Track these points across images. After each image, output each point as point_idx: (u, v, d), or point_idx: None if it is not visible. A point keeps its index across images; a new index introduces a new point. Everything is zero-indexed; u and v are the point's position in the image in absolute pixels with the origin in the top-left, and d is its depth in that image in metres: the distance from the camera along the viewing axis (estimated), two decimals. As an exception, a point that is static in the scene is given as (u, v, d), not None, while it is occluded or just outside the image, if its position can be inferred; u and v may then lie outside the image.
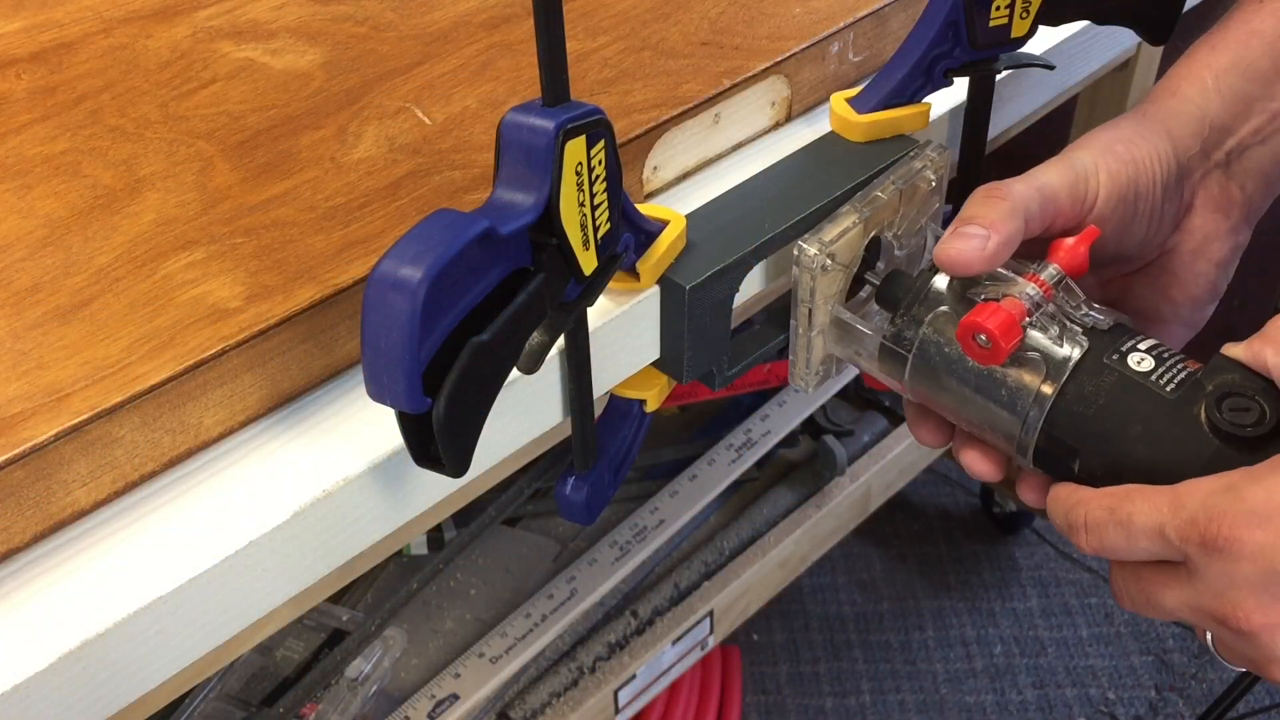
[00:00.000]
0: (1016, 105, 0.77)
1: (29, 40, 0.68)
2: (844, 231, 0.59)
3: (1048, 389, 0.54)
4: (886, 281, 0.60)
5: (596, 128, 0.47)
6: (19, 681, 0.42)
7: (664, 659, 1.07)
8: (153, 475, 0.50)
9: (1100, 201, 0.58)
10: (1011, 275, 0.56)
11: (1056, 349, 0.54)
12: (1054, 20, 0.68)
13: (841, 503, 1.19)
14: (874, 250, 0.63)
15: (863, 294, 0.63)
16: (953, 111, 0.70)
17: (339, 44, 0.68)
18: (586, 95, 0.63)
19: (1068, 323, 0.55)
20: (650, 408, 0.62)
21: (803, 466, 1.21)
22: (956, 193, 0.72)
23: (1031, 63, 0.69)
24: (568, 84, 0.46)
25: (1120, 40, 0.81)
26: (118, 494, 0.49)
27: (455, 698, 0.96)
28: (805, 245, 0.59)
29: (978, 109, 0.69)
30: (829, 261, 0.59)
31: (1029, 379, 0.54)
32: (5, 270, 0.53)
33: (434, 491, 0.54)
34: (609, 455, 0.60)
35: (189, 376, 0.49)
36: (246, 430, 0.52)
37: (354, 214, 0.56)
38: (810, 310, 0.60)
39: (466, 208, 0.45)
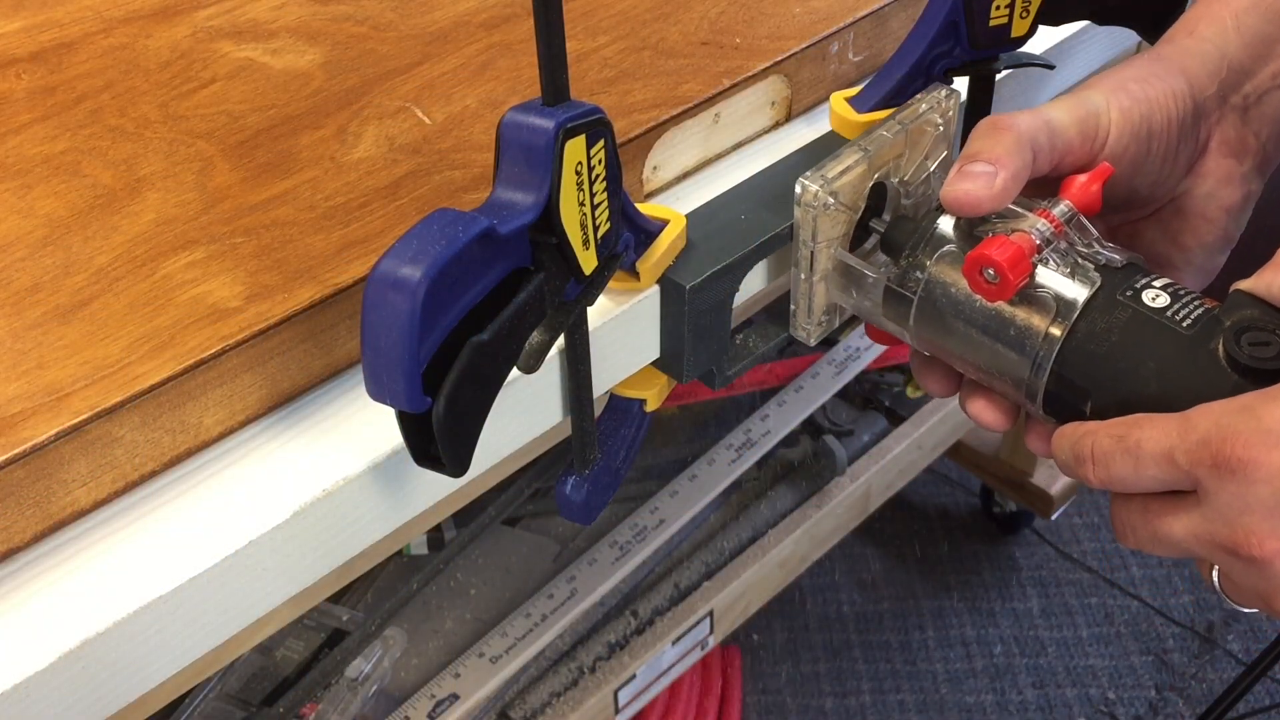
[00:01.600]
0: (1016, 105, 0.76)
1: (29, 40, 0.68)
2: (846, 169, 0.57)
3: (1057, 329, 0.52)
4: (891, 227, 0.58)
5: (596, 127, 0.47)
6: (19, 681, 0.42)
7: (664, 659, 1.06)
8: (153, 475, 0.50)
9: (1112, 139, 0.56)
10: (1021, 211, 0.54)
11: (1068, 286, 0.52)
12: (1054, 20, 0.68)
13: (841, 503, 1.19)
14: (879, 198, 0.61)
15: (868, 244, 0.61)
16: (953, 111, 0.70)
17: (339, 44, 0.68)
18: (586, 95, 0.63)
19: (1079, 259, 0.53)
20: (650, 407, 0.62)
21: (803, 466, 1.21)
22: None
23: (1031, 63, 0.69)
24: (567, 84, 0.46)
25: (1120, 40, 0.81)
26: (118, 494, 0.49)
27: (455, 698, 0.96)
28: (807, 182, 0.56)
29: (978, 109, 0.69)
30: (831, 200, 0.56)
31: (1038, 318, 0.52)
32: (5, 270, 0.53)
33: (434, 491, 0.54)
34: (609, 455, 0.60)
35: (189, 376, 0.49)
36: (246, 430, 0.52)
37: (354, 214, 0.56)
38: (812, 253, 0.58)
39: (466, 207, 0.45)
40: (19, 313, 0.51)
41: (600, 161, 0.48)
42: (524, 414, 0.55)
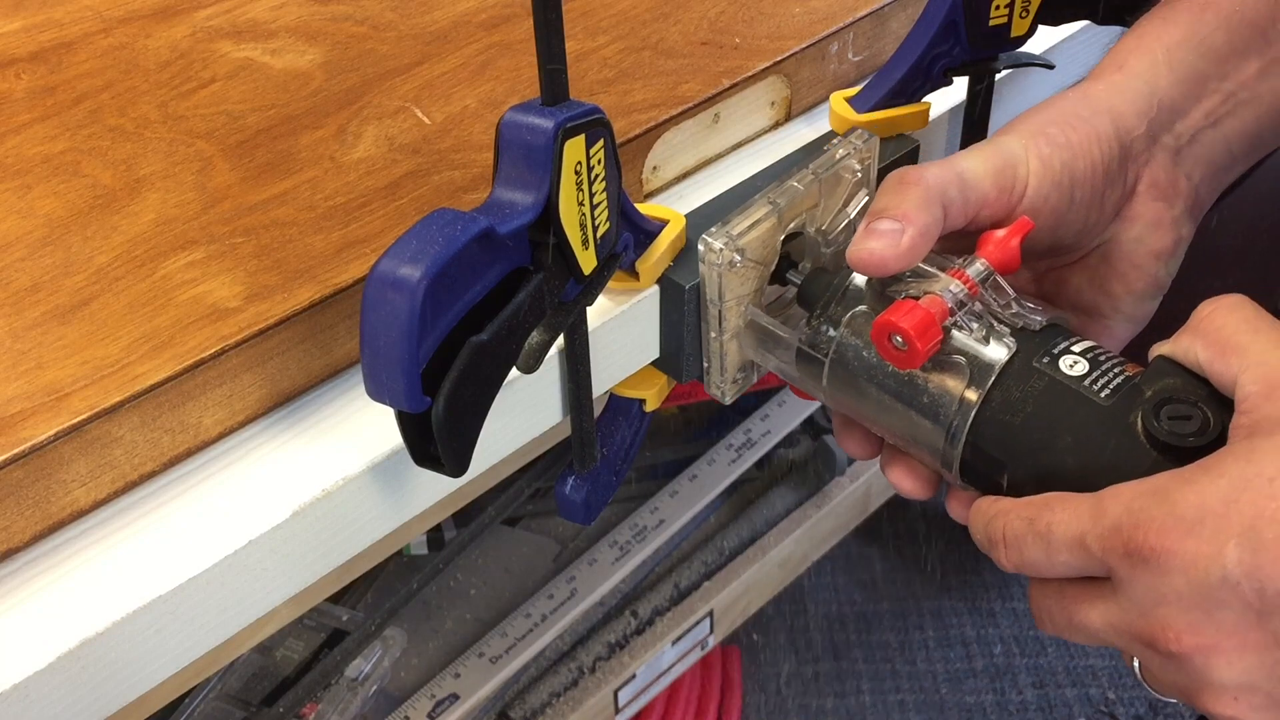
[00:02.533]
0: (1016, 105, 0.76)
1: (29, 40, 0.68)
2: (754, 223, 0.54)
3: (972, 395, 0.49)
4: (808, 280, 0.56)
5: (596, 127, 0.47)
6: (19, 681, 0.42)
7: (664, 659, 1.06)
8: (152, 475, 0.50)
9: (1031, 189, 0.53)
10: (933, 271, 0.51)
11: (982, 351, 0.50)
12: (1054, 20, 0.68)
13: (841, 503, 1.19)
14: (798, 248, 0.58)
15: (787, 295, 0.58)
16: (953, 111, 0.70)
17: (339, 44, 0.68)
18: (586, 95, 0.63)
19: (995, 322, 0.50)
20: (650, 407, 0.62)
21: (803, 466, 1.21)
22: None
23: (1031, 62, 0.69)
24: (567, 83, 0.46)
25: (1120, 40, 0.81)
26: (117, 494, 0.49)
27: (455, 698, 0.96)
28: (710, 239, 0.53)
29: (978, 109, 0.69)
30: (737, 257, 0.54)
31: (952, 385, 0.50)
32: (5, 270, 0.53)
33: (434, 491, 0.54)
34: (609, 455, 0.60)
35: (188, 376, 0.49)
36: (246, 430, 0.52)
37: (353, 214, 0.56)
38: (720, 312, 0.55)
39: (466, 207, 0.45)
40: (19, 313, 0.51)
41: (600, 161, 0.48)
42: (524, 414, 0.55)
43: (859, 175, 0.58)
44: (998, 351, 0.50)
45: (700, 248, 0.54)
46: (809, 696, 1.48)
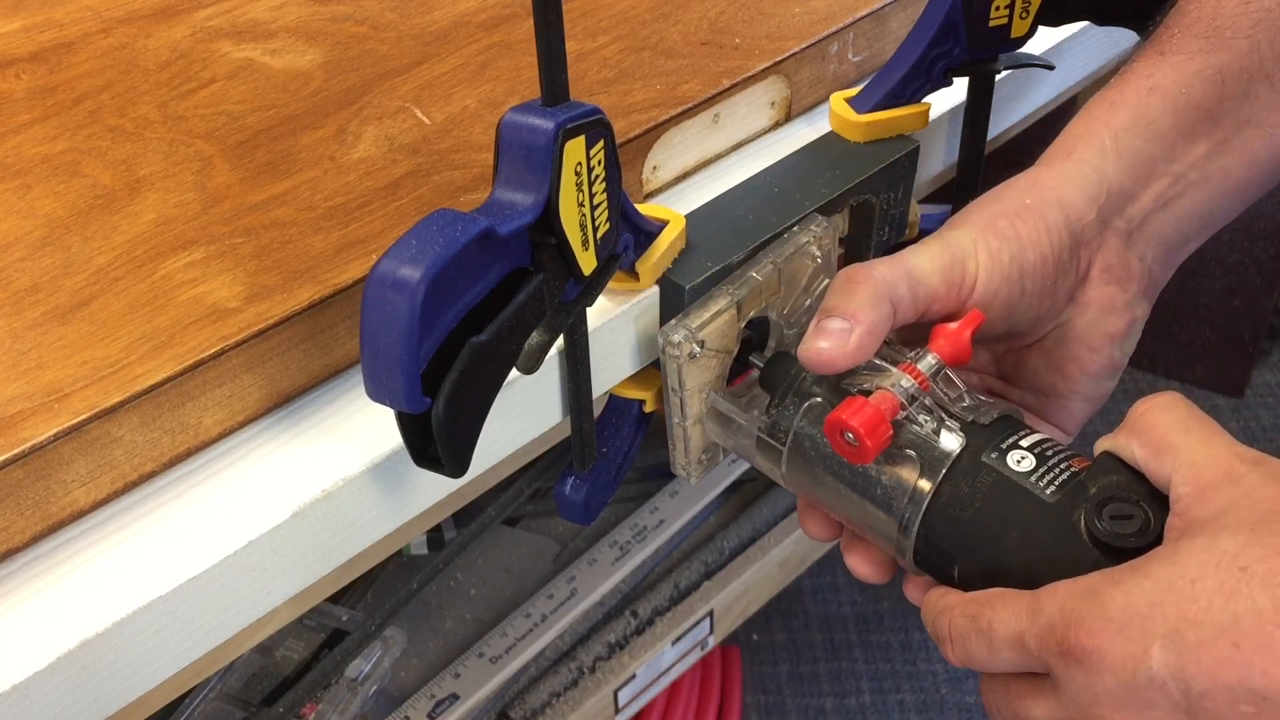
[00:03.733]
0: (1016, 105, 0.77)
1: (29, 40, 0.68)
2: (714, 315, 0.56)
3: (924, 486, 0.51)
4: (769, 365, 0.57)
5: (596, 127, 0.47)
6: (18, 681, 0.42)
7: (664, 659, 1.06)
8: (152, 475, 0.50)
9: (981, 283, 0.54)
10: (885, 366, 0.53)
11: (933, 445, 0.51)
12: (1054, 20, 0.68)
13: (841, 503, 1.19)
14: (762, 331, 0.59)
15: (753, 376, 0.59)
16: (953, 111, 0.70)
17: (339, 44, 0.68)
18: (586, 95, 0.63)
19: (946, 416, 0.51)
20: (650, 408, 0.62)
21: (803, 466, 1.21)
22: (957, 196, 0.72)
23: (1031, 63, 0.69)
24: (567, 84, 0.46)
25: (1120, 40, 0.81)
26: (117, 494, 0.49)
27: (455, 698, 0.96)
28: (670, 333, 0.55)
29: (978, 109, 0.69)
30: (697, 348, 0.55)
31: (905, 477, 0.51)
32: (5, 270, 0.53)
33: (434, 491, 0.54)
34: (609, 455, 0.60)
35: (188, 376, 0.49)
36: (246, 430, 0.52)
37: (353, 214, 0.56)
38: (682, 400, 0.57)
39: (466, 208, 0.45)
40: (18, 313, 0.51)
41: (600, 162, 0.48)
42: (524, 414, 0.55)
43: (819, 260, 0.59)
44: (949, 444, 0.51)
45: (660, 340, 0.56)
46: (809, 696, 1.48)
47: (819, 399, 0.54)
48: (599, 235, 0.50)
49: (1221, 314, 1.67)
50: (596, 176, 0.48)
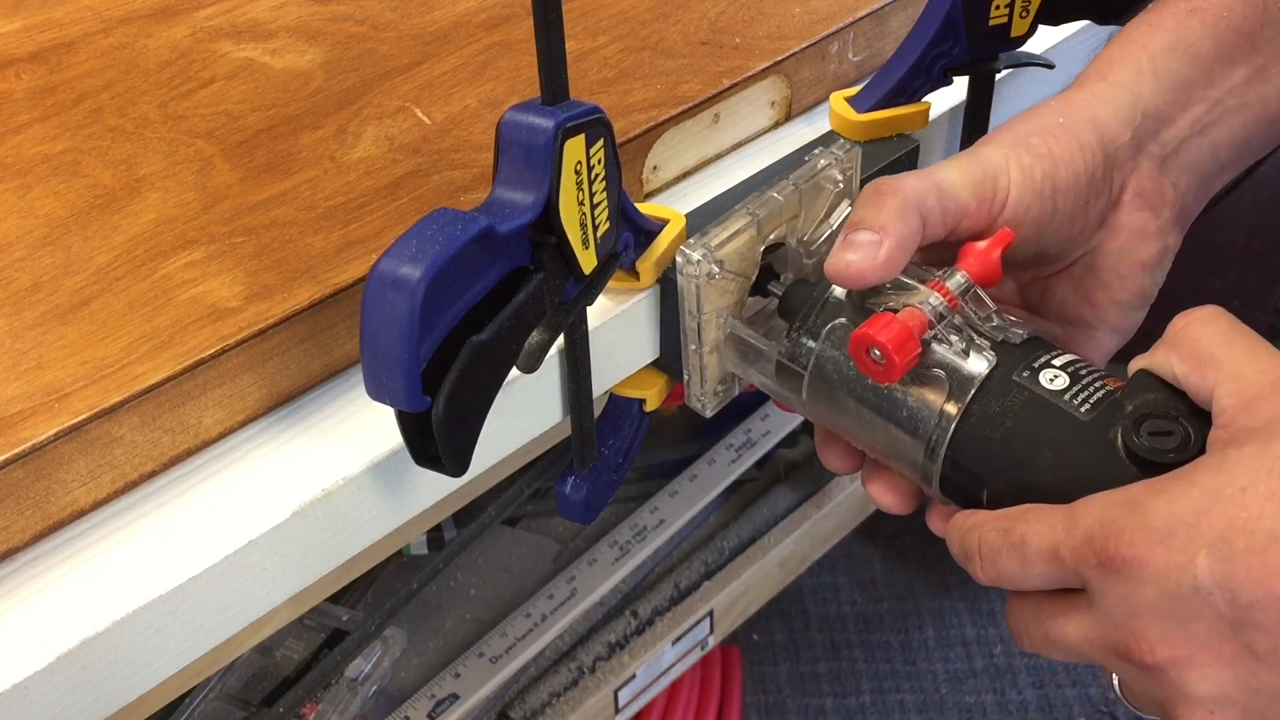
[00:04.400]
0: (1016, 105, 0.76)
1: (29, 40, 0.68)
2: (733, 235, 0.54)
3: (951, 409, 0.49)
4: (788, 292, 0.55)
5: (596, 126, 0.47)
6: (19, 681, 0.42)
7: (664, 659, 1.06)
8: (152, 475, 0.50)
9: (1012, 200, 0.52)
10: (913, 283, 0.51)
11: (961, 365, 0.49)
12: (1054, 20, 0.68)
13: (841, 503, 1.19)
14: (780, 259, 0.58)
15: (770, 306, 0.57)
16: (953, 111, 0.70)
17: (339, 44, 0.68)
18: (586, 95, 0.63)
19: (975, 336, 0.50)
20: (650, 407, 0.62)
21: (803, 466, 1.21)
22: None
23: (1031, 62, 0.69)
24: (567, 83, 0.46)
25: (1120, 40, 0.81)
26: (117, 494, 0.49)
27: (455, 698, 0.96)
28: (688, 250, 0.53)
29: (978, 108, 0.69)
30: (715, 269, 0.53)
31: (932, 399, 0.49)
32: (5, 270, 0.53)
33: (434, 491, 0.54)
34: (609, 455, 0.60)
35: (188, 376, 0.49)
36: (246, 430, 0.52)
37: (353, 213, 0.56)
38: (699, 324, 0.55)
39: (466, 207, 0.45)
40: (19, 312, 0.51)
41: (600, 161, 0.48)
42: (524, 414, 0.55)
43: (840, 185, 0.57)
44: (977, 365, 0.49)
45: (678, 259, 0.54)
46: (809, 696, 1.48)
47: (843, 320, 0.52)
48: (599, 234, 0.50)
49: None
50: (596, 175, 0.48)
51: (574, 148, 0.46)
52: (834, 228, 0.58)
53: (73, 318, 0.51)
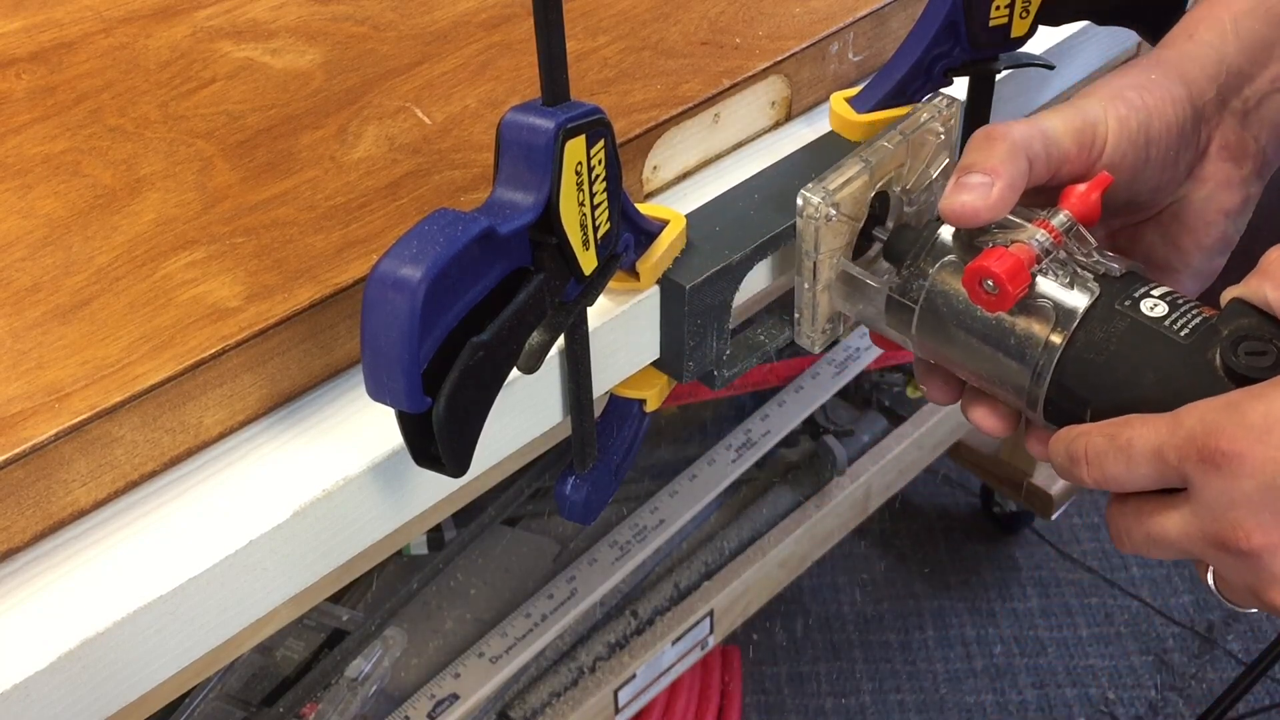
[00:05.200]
0: (1016, 105, 0.76)
1: (29, 40, 0.68)
2: (848, 180, 0.57)
3: (1057, 337, 0.52)
4: (894, 236, 0.59)
5: (596, 127, 0.47)
6: (19, 681, 0.42)
7: (664, 659, 1.06)
8: (152, 475, 0.50)
9: (1110, 148, 0.56)
10: (1020, 222, 0.54)
11: (1067, 296, 0.53)
12: (1054, 20, 0.68)
13: (841, 503, 1.19)
14: (882, 207, 0.61)
15: (871, 252, 0.61)
16: (953, 111, 0.70)
17: (339, 44, 0.68)
18: (586, 95, 0.63)
19: (1078, 269, 0.53)
20: (650, 407, 0.62)
21: (803, 466, 1.21)
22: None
23: (1031, 62, 0.69)
24: (567, 84, 0.46)
25: (1120, 40, 0.81)
26: (117, 494, 0.49)
27: (455, 698, 0.96)
28: (809, 194, 0.56)
29: (978, 108, 0.69)
30: (833, 211, 0.57)
31: (1038, 327, 0.53)
32: (5, 270, 0.53)
33: (434, 491, 0.54)
34: (609, 455, 0.60)
35: (189, 376, 0.49)
36: (246, 430, 0.52)
37: (354, 214, 0.56)
38: (815, 264, 0.58)
39: (466, 207, 0.45)
40: (19, 312, 0.51)
41: (600, 162, 0.48)
42: (524, 414, 0.55)
43: (942, 138, 0.61)
44: (1081, 296, 0.52)
45: (799, 202, 0.57)
46: (809, 696, 1.48)
47: (952, 257, 0.55)
48: (599, 235, 0.50)
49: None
50: (597, 176, 0.48)
51: (574, 148, 0.46)
52: (933, 177, 0.61)
53: (73, 318, 0.51)
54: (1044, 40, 0.73)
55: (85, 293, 0.52)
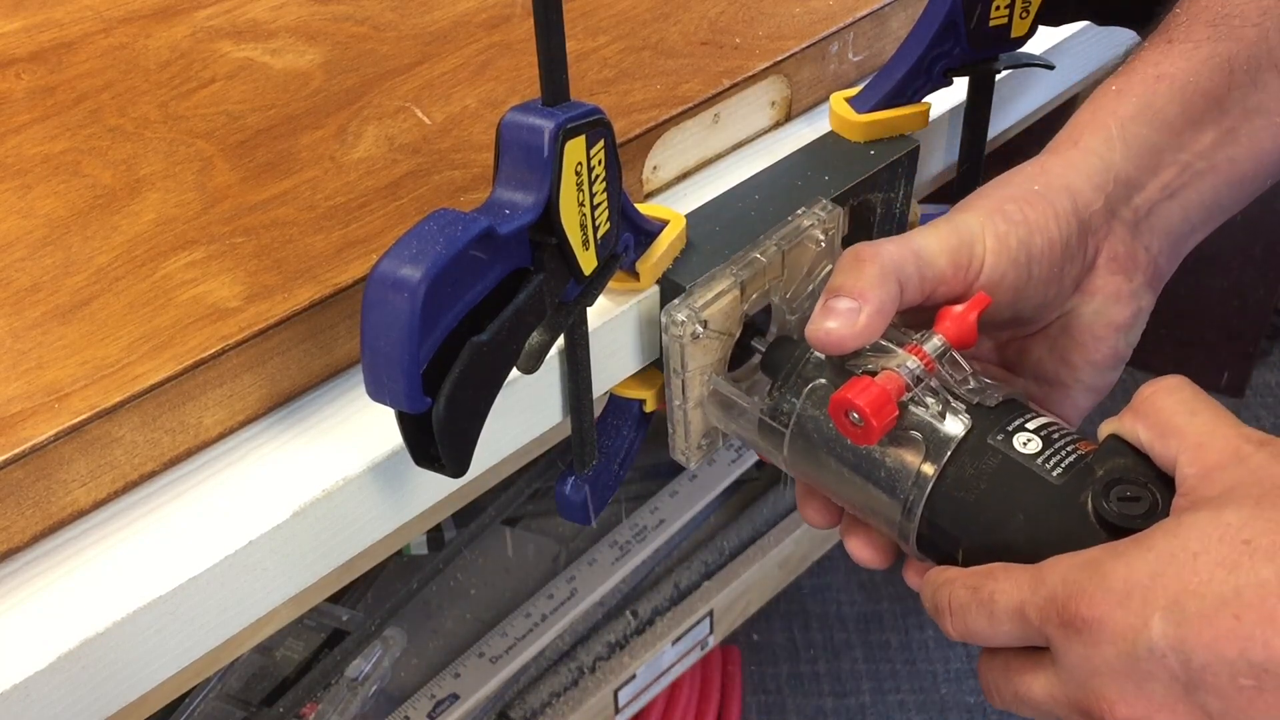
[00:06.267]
0: (1016, 105, 0.77)
1: (29, 40, 0.68)
2: (717, 295, 0.56)
3: (928, 469, 0.50)
4: (772, 349, 0.57)
5: (596, 127, 0.47)
6: (19, 681, 0.42)
7: (664, 659, 1.07)
8: (152, 475, 0.50)
9: (988, 267, 0.53)
10: (891, 346, 0.52)
11: (938, 428, 0.50)
12: (1054, 20, 0.68)
13: (841, 503, 1.19)
14: (765, 316, 0.59)
15: (753, 361, 0.59)
16: (953, 111, 0.70)
17: (339, 44, 0.68)
18: (586, 95, 0.63)
19: (951, 399, 0.51)
20: (650, 407, 0.62)
21: (803, 466, 1.21)
22: (956, 196, 0.72)
23: (1031, 63, 0.69)
24: (567, 84, 0.46)
25: (1120, 40, 0.81)
26: (117, 494, 0.49)
27: (455, 698, 0.96)
28: (674, 312, 0.55)
29: (978, 109, 0.69)
30: (700, 329, 0.55)
31: (909, 459, 0.51)
32: (5, 270, 0.53)
33: (434, 491, 0.54)
34: (609, 455, 0.60)
35: (189, 376, 0.49)
36: (246, 430, 0.52)
37: (354, 214, 0.56)
38: (684, 381, 0.57)
39: (466, 207, 0.45)
40: (19, 312, 0.51)
41: (600, 162, 0.48)
42: (524, 414, 0.55)
43: (823, 245, 0.59)
44: (954, 427, 0.50)
45: (663, 319, 0.55)
46: (809, 696, 1.48)
47: (823, 381, 0.54)
48: (599, 235, 0.50)
49: (1221, 314, 1.67)
50: (597, 176, 0.48)
51: (574, 149, 0.46)
52: (815, 285, 0.59)
53: (73, 318, 0.51)
54: (1044, 40, 0.73)
55: (85, 293, 0.52)
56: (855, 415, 0.50)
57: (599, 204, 0.49)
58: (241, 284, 0.52)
